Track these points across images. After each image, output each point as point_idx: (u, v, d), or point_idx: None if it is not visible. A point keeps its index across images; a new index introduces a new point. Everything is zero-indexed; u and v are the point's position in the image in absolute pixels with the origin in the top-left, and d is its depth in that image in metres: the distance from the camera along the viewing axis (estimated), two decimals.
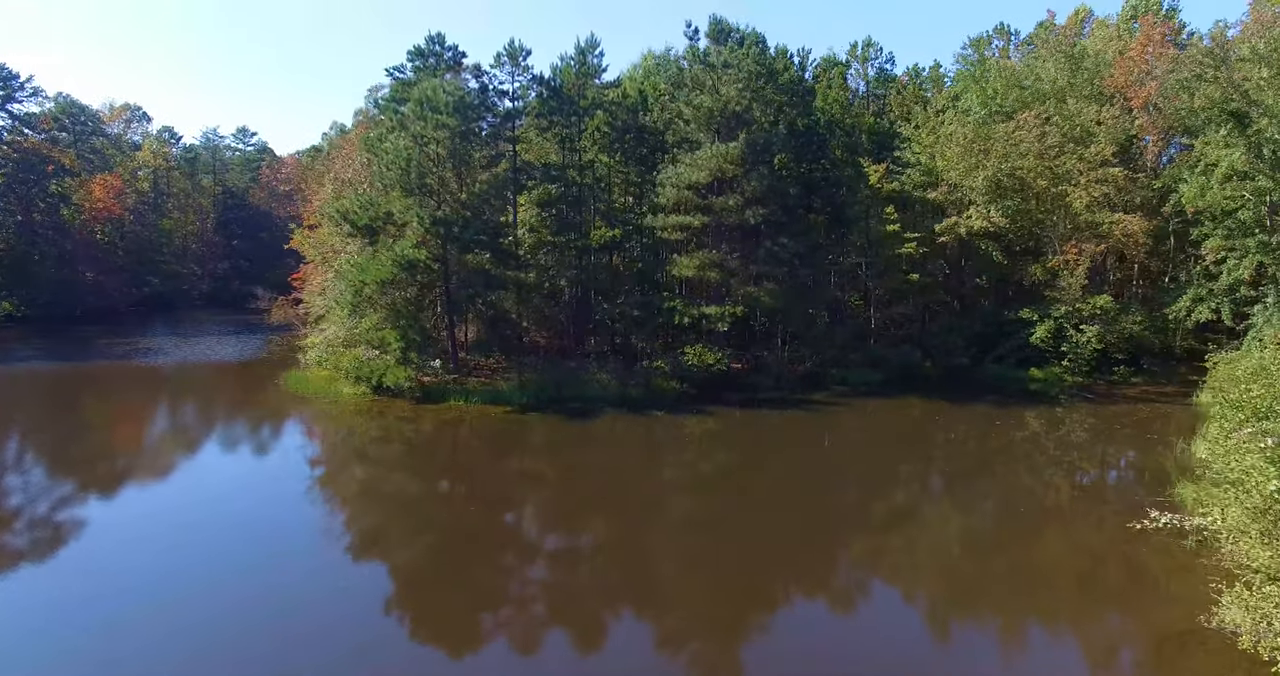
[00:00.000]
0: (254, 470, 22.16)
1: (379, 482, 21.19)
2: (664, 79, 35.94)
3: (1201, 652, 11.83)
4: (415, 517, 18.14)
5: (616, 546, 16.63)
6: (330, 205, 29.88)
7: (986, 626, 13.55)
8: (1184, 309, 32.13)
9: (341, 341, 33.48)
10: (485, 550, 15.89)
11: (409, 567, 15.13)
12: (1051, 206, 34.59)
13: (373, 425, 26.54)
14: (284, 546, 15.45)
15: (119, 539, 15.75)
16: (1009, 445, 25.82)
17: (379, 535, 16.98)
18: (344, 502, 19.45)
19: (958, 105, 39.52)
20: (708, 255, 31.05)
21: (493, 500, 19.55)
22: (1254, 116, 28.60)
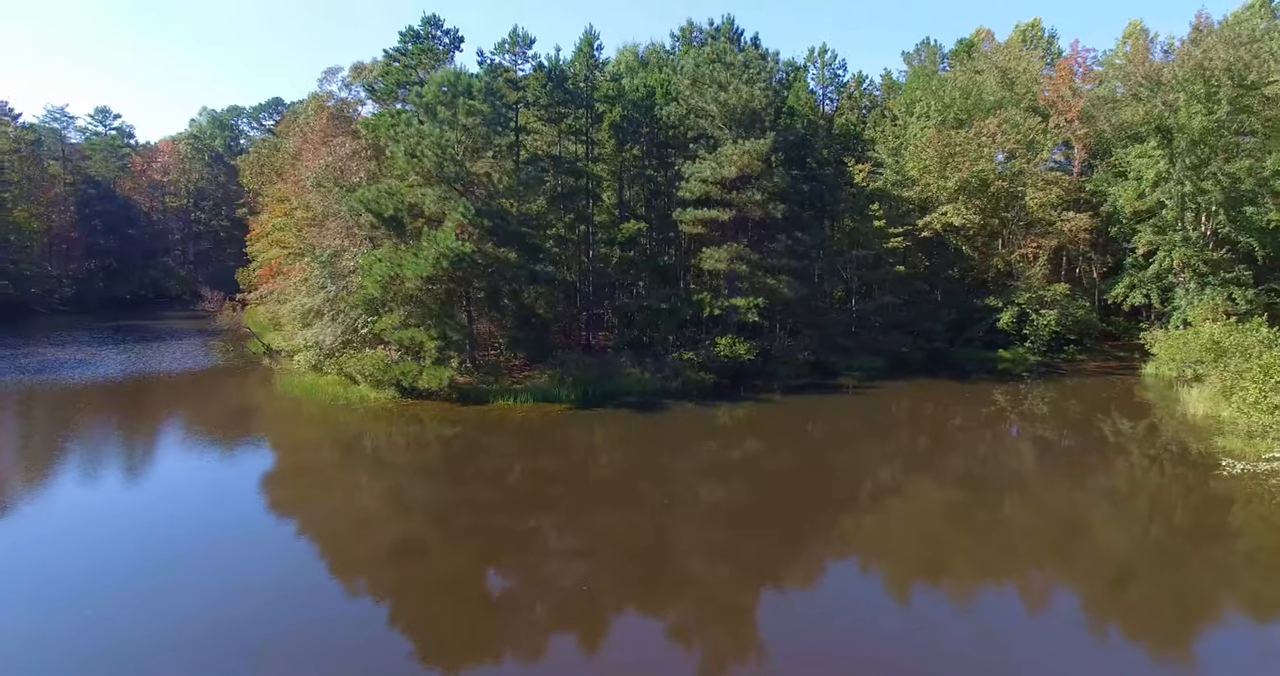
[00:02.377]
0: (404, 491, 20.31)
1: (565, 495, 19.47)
2: (665, 74, 36.75)
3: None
4: (640, 520, 17.48)
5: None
6: (352, 197, 27.93)
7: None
8: (1121, 294, 37.96)
9: (341, 343, 31.46)
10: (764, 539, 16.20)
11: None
12: (1009, 205, 39.42)
13: (450, 431, 25.17)
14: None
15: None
16: (1036, 415, 29.33)
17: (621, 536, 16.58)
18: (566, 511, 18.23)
19: (915, 111, 43.73)
20: (736, 248, 32.42)
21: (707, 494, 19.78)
22: (1175, 132, 34.54)
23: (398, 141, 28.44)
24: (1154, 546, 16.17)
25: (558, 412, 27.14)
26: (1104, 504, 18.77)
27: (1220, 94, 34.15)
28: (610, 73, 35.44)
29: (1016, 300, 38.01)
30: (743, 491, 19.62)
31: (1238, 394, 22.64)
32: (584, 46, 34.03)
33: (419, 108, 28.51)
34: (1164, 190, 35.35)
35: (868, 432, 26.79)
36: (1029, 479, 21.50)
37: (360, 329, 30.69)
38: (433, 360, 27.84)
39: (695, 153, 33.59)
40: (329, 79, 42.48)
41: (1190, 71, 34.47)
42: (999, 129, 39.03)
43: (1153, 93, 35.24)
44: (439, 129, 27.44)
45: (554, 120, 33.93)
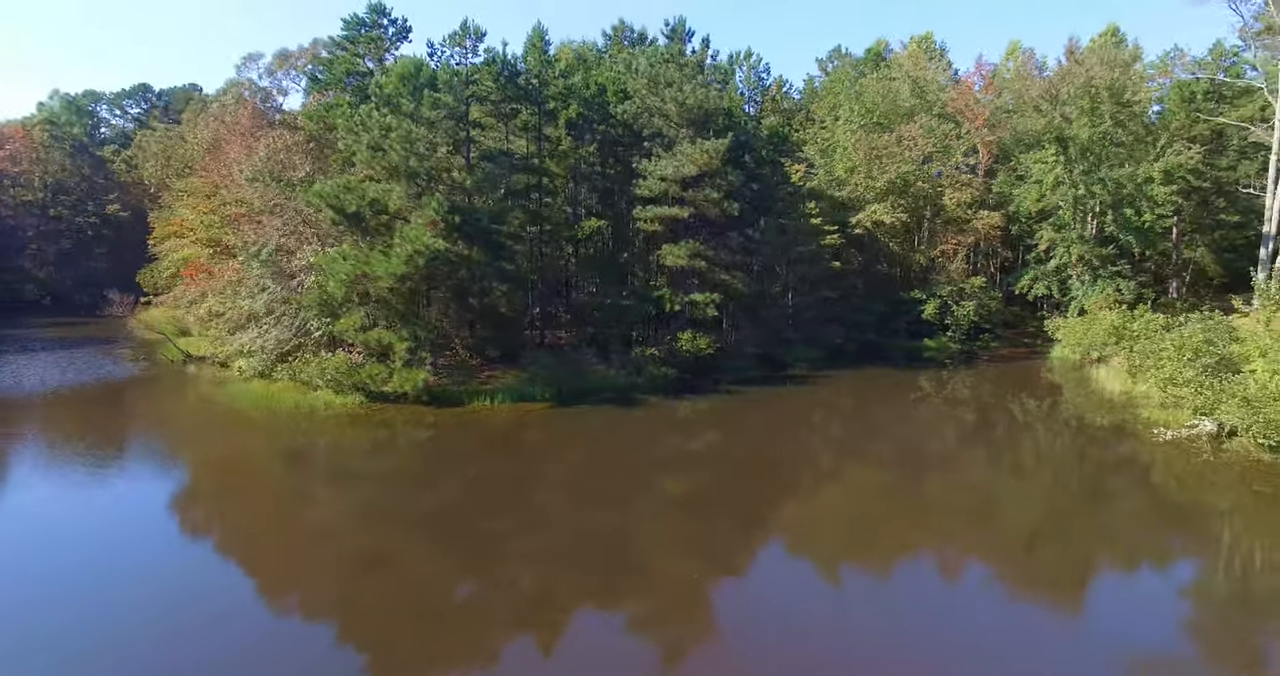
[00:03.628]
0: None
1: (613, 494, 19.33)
2: (615, 72, 37.47)
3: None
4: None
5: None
6: (310, 192, 26.77)
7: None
8: (1026, 286, 42.56)
9: (292, 346, 30.10)
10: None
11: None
12: (929, 205, 43.18)
13: (436, 435, 24.67)
14: None
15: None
16: (970, 396, 32.57)
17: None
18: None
19: (839, 115, 46.87)
20: (693, 245, 33.69)
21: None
22: (1069, 141, 39.27)
23: (356, 134, 27.59)
24: (1097, 506, 18.71)
25: (540, 411, 27.34)
26: (1049, 472, 21.54)
27: (1103, 109, 39.13)
28: (559, 69, 35.65)
29: (938, 293, 41.78)
30: (751, 482, 20.87)
31: (1151, 371, 26.38)
32: (535, 41, 34.17)
33: (380, 99, 27.73)
34: (1060, 193, 40.04)
35: (826, 419, 29.10)
36: (980, 455, 23.99)
37: (314, 331, 29.42)
38: (403, 362, 27.21)
39: (650, 151, 34.57)
40: (248, 66, 39.97)
41: (1080, 89, 39.24)
42: (919, 134, 42.66)
43: (1052, 106, 39.81)
44: (403, 122, 26.88)
45: (507, 116, 33.85)
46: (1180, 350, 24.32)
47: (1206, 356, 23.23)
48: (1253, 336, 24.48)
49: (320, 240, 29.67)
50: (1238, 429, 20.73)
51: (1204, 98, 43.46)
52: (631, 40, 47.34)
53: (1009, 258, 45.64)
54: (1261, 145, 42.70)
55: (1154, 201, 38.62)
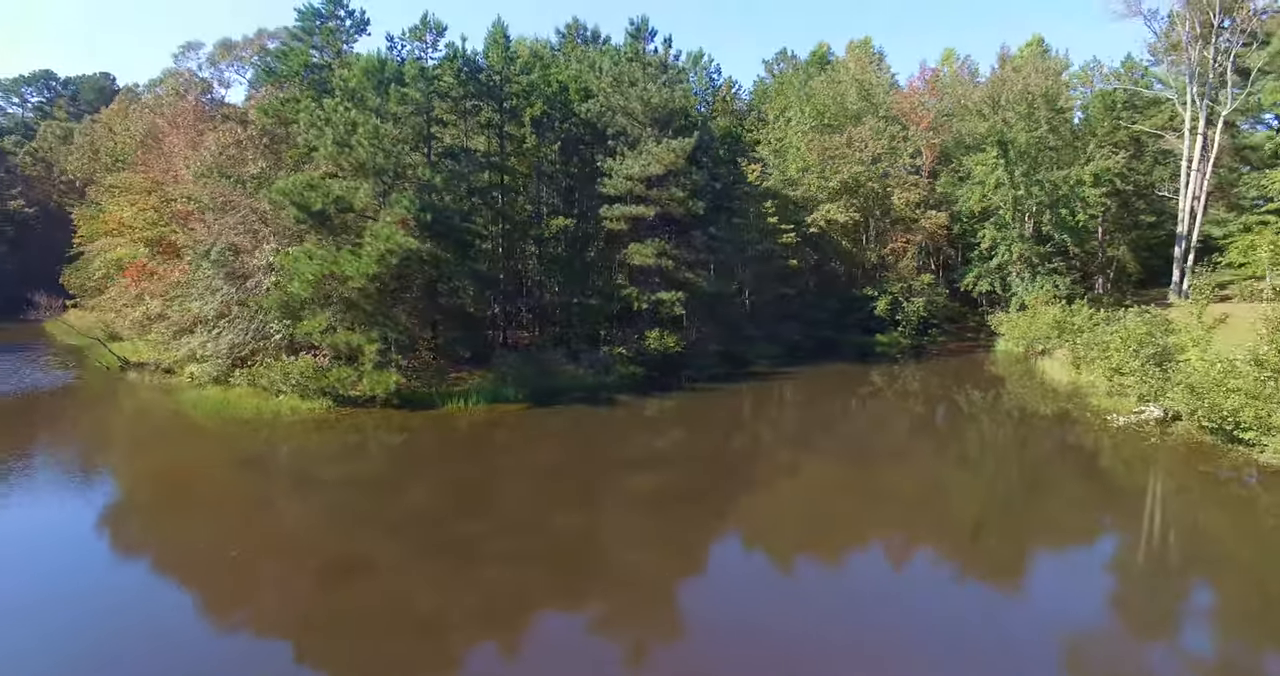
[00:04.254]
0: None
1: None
2: (576, 70, 37.50)
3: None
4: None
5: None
6: (273, 189, 25.83)
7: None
8: (971, 283, 44.81)
9: (250, 350, 29.01)
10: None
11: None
12: (879, 204, 44.93)
13: (419, 439, 24.04)
14: None
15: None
16: (927, 390, 34.11)
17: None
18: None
19: (790, 116, 48.18)
20: (660, 244, 34.11)
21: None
22: (1009, 145, 41.61)
23: (319, 129, 26.79)
24: (1055, 489, 20.12)
25: (516, 412, 27.21)
26: (1010, 458, 22.96)
27: (1039, 115, 41.64)
28: (519, 66, 35.40)
29: (889, 290, 43.55)
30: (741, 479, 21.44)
31: (1097, 361, 28.35)
32: (496, 37, 33.86)
33: (344, 94, 26.98)
34: (1001, 194, 42.37)
35: (790, 415, 29.99)
36: (942, 445, 25.20)
37: (274, 334, 28.39)
38: (373, 364, 26.60)
39: (614, 149, 34.78)
40: (186, 56, 37.99)
41: (1018, 95, 41.64)
42: (869, 136, 44.33)
43: (993, 111, 42.07)
44: (370, 117, 26.28)
45: (468, 113, 33.45)
46: (1126, 342, 26.27)
47: (1149, 347, 25.16)
48: (1186, 328, 26.66)
49: (279, 239, 28.63)
50: (1181, 414, 22.58)
51: (1123, 107, 46.76)
52: (585, 38, 47.40)
53: (951, 255, 47.97)
54: (1173, 152, 46.31)
55: (1086, 202, 41.38)
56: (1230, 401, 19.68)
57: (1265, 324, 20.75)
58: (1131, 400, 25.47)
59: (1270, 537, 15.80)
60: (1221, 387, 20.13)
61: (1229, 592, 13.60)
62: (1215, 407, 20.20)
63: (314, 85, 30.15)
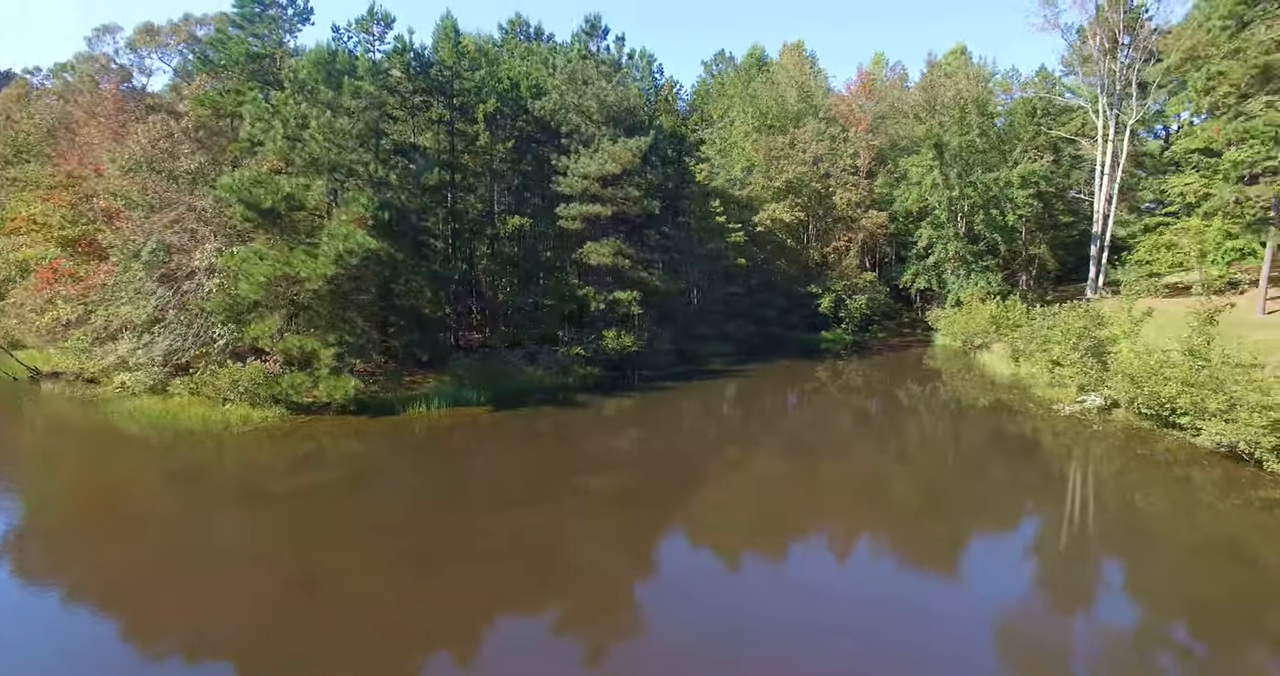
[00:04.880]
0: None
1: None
2: (526, 66, 37.10)
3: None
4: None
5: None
6: (220, 185, 24.48)
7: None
8: (909, 280, 46.84)
9: (188, 357, 27.46)
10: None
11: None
12: (821, 203, 46.40)
13: (390, 446, 23.28)
14: None
15: None
16: (877, 383, 35.51)
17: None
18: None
19: (733, 117, 49.14)
20: (616, 243, 34.20)
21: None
22: (944, 148, 43.77)
23: (268, 122, 25.58)
24: (1005, 474, 21.54)
25: (482, 415, 26.77)
26: (961, 447, 24.32)
27: (970, 119, 43.95)
28: (469, 61, 34.74)
29: (833, 288, 45.05)
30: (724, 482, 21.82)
31: (1037, 354, 30.23)
32: (446, 32, 33.18)
33: (294, 86, 25.84)
34: (937, 195, 44.51)
35: (746, 412, 30.46)
36: (897, 437, 26.44)
37: (219, 339, 26.93)
38: (329, 369, 25.61)
39: (568, 148, 34.64)
40: (101, 40, 35.31)
41: (951, 100, 43.84)
42: (811, 137, 45.70)
43: (930, 114, 44.12)
44: (324, 111, 25.29)
45: (418, 109, 32.64)
46: (1066, 335, 28.12)
47: (1086, 341, 27.02)
48: (1115, 322, 28.76)
49: (221, 238, 27.18)
50: (1120, 402, 24.40)
51: (1042, 113, 49.91)
52: (527, 35, 46.93)
53: (888, 253, 50.07)
54: (1085, 156, 49.78)
55: (1015, 203, 43.98)
56: (1167, 389, 21.41)
57: (1195, 317, 22.66)
58: (1072, 390, 27.31)
59: (1202, 514, 17.35)
60: (1159, 376, 21.87)
61: (1160, 566, 14.79)
62: (1154, 395, 21.93)
63: (255, 76, 28.74)
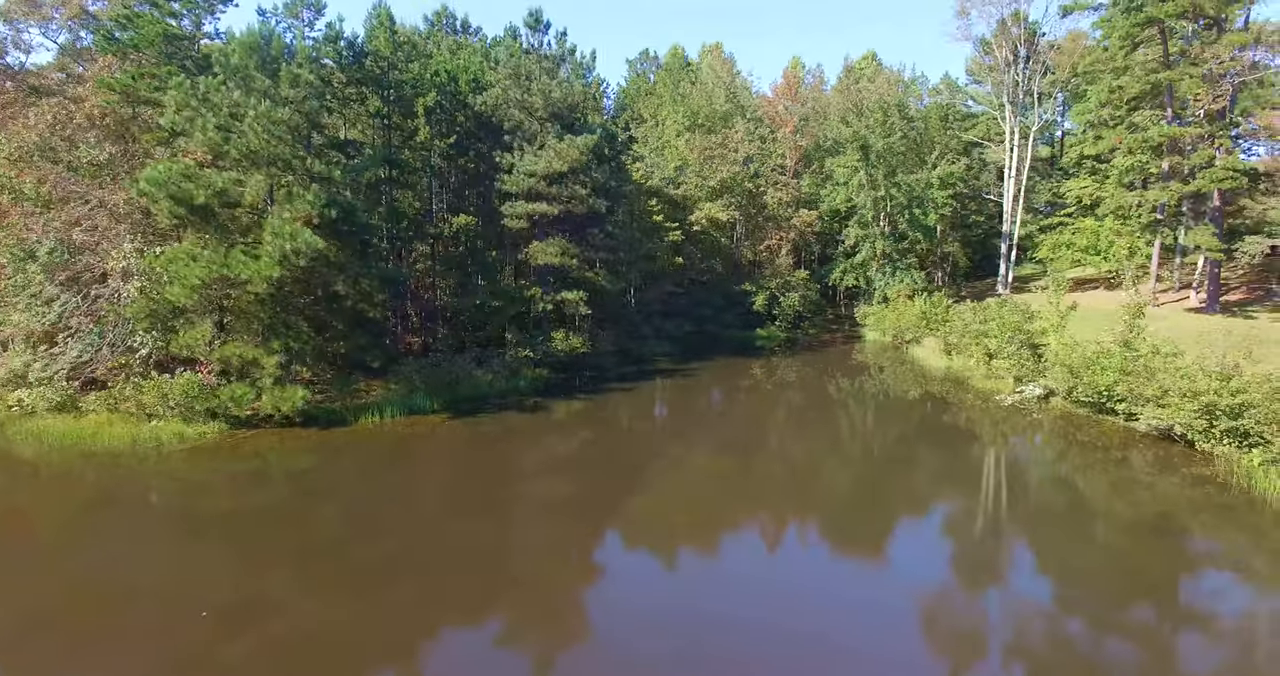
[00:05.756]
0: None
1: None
2: (463, 60, 35.95)
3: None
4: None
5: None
6: (142, 179, 22.27)
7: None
8: (838, 278, 48.73)
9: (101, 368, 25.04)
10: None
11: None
12: (753, 202, 47.53)
13: (341, 459, 21.93)
14: None
15: None
16: (819, 379, 36.73)
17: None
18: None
19: (664, 116, 49.53)
20: (562, 242, 33.77)
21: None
22: (870, 150, 45.84)
23: (194, 110, 23.56)
24: (952, 462, 23.01)
25: (439, 423, 25.77)
26: (918, 434, 25.69)
27: (893, 122, 46.22)
28: (405, 53, 33.29)
29: (767, 286, 46.26)
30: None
31: (972, 348, 32.17)
32: (381, 20, 31.72)
33: (225, 71, 23.90)
34: (863, 195, 46.53)
35: (695, 410, 30.97)
36: (846, 430, 27.68)
37: (140, 349, 24.61)
38: (273, 379, 23.92)
39: (511, 145, 33.87)
40: None
41: (875, 104, 45.93)
42: (742, 137, 46.72)
43: (857, 117, 46.02)
44: (262, 101, 23.56)
45: (351, 101, 31.06)
46: (1002, 329, 30.09)
47: (1021, 334, 29.03)
48: (1043, 316, 31.03)
49: (139, 237, 24.86)
50: (1057, 391, 26.37)
51: (954, 118, 53.17)
52: (453, 28, 45.53)
53: (817, 251, 51.95)
54: (991, 160, 53.51)
55: (936, 203, 46.62)
56: (1106, 378, 23.33)
57: (1126, 311, 24.80)
58: (1008, 382, 29.27)
59: (1140, 492, 19.09)
60: (1097, 366, 23.80)
61: (1100, 541, 16.30)
62: (1093, 384, 23.84)
63: (170, 60, 26.41)
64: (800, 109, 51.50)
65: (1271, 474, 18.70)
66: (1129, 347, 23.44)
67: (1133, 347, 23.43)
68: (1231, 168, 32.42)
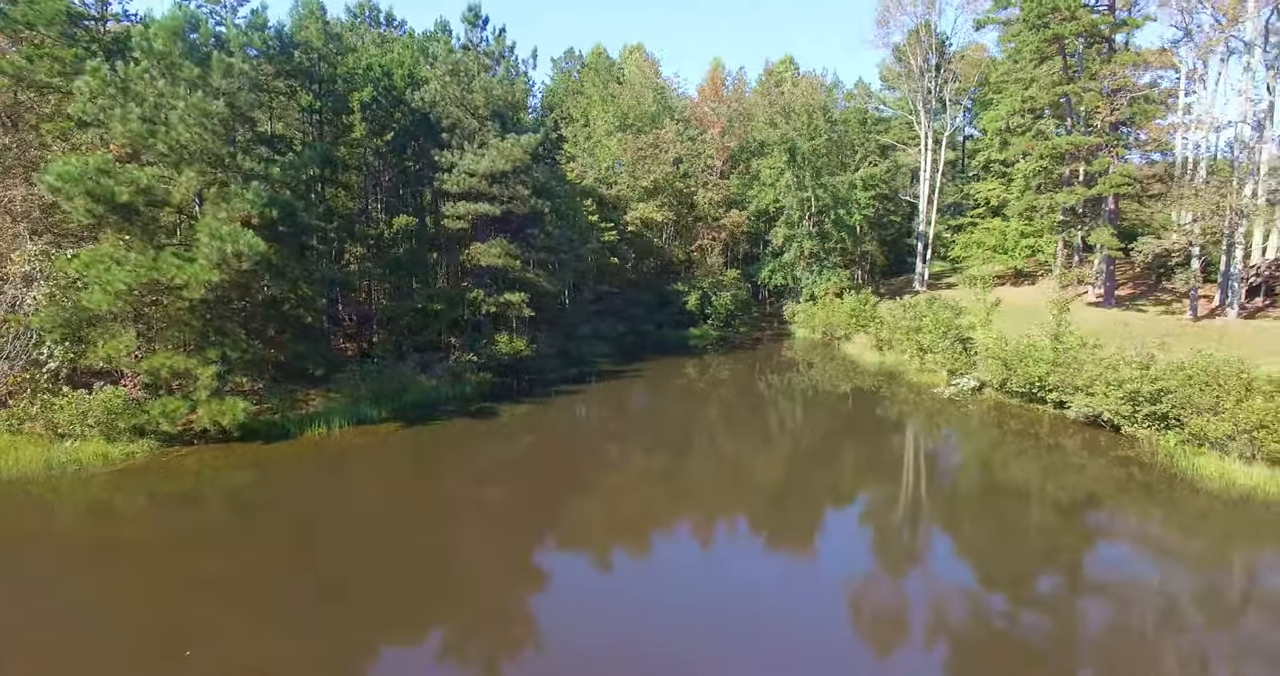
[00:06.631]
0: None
1: None
2: (396, 54, 34.61)
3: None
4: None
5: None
6: (51, 175, 20.20)
7: None
8: (767, 277, 50.04)
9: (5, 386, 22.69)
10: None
11: None
12: (684, 203, 48.16)
13: (283, 475, 20.68)
14: None
15: None
16: (755, 376, 37.64)
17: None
18: None
19: (594, 116, 49.41)
20: (504, 243, 33.15)
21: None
22: (796, 152, 47.35)
23: (112, 98, 21.64)
24: (896, 452, 24.36)
25: (391, 433, 24.76)
26: (869, 426, 26.91)
27: (818, 125, 47.90)
28: (335, 47, 31.73)
29: (699, 285, 46.99)
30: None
31: (906, 343, 33.82)
32: (311, 9, 30.15)
33: (148, 57, 22.03)
34: (790, 196, 47.99)
35: (641, 411, 31.48)
36: (790, 424, 28.73)
37: (49, 362, 22.39)
38: (210, 391, 22.30)
39: (449, 143, 32.94)
40: None
41: (801, 107, 47.47)
42: (673, 138, 47.23)
43: (786, 119, 47.37)
44: (191, 90, 21.92)
45: (280, 94, 29.39)
46: (935, 325, 31.79)
47: (954, 330, 30.80)
48: (970, 312, 33.04)
49: (43, 239, 22.62)
50: (990, 383, 28.16)
51: (872, 122, 55.67)
52: (376, 21, 43.75)
53: (746, 251, 53.19)
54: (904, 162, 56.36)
55: (859, 204, 48.65)
56: (1038, 369, 25.11)
57: (1054, 306, 26.74)
58: (942, 375, 30.97)
59: (1066, 474, 20.77)
60: (1030, 359, 25.58)
61: (1033, 519, 17.81)
62: (1027, 375, 25.60)
63: (74, 41, 24.14)
64: (725, 110, 52.58)
65: (1188, 452, 20.75)
66: (1058, 341, 25.30)
67: (1061, 341, 25.31)
68: (1126, 174, 35.55)
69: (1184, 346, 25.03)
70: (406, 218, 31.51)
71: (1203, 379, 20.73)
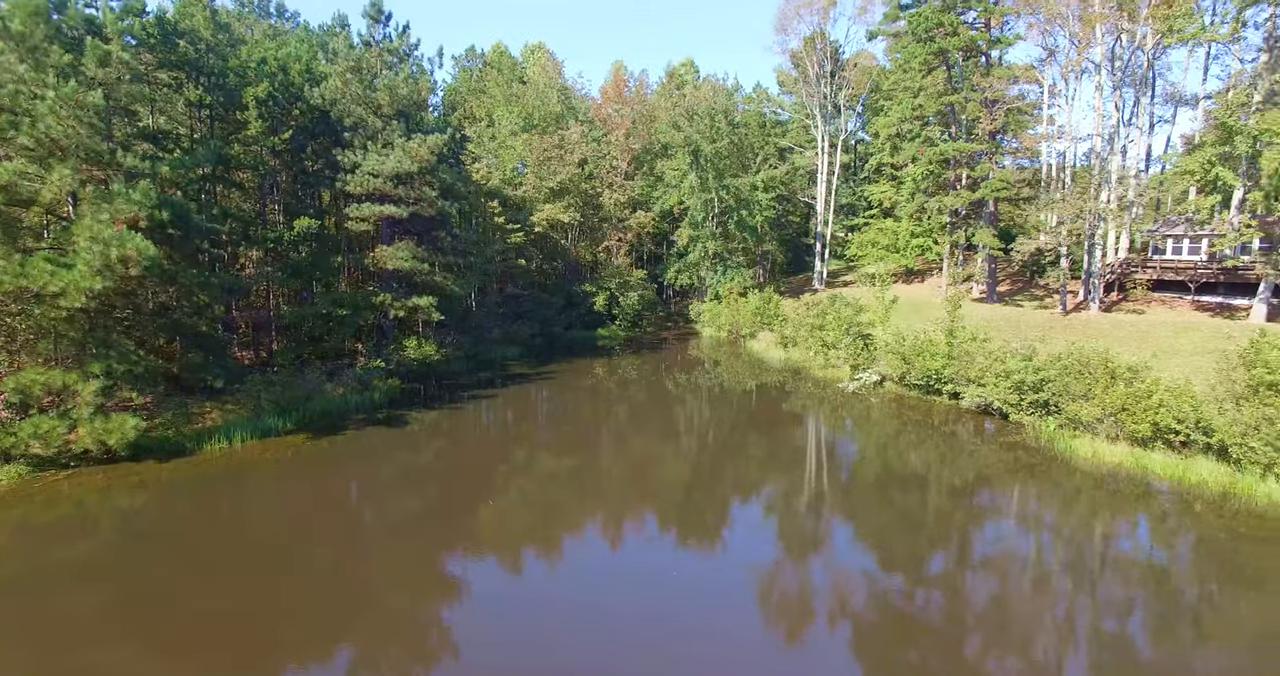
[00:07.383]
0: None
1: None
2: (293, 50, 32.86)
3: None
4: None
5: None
6: None
7: None
8: (672, 277, 50.86)
9: None
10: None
11: None
12: (591, 204, 48.27)
13: (177, 496, 19.31)
14: None
15: None
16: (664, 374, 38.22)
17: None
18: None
19: (496, 117, 48.71)
20: (412, 247, 32.26)
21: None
22: (700, 154, 48.40)
23: None
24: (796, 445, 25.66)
25: (298, 445, 23.66)
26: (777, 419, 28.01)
27: (720, 128, 49.12)
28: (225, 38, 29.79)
29: (607, 286, 47.25)
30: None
31: (810, 341, 35.29)
32: None
33: (4, 39, 20.01)
34: (694, 197, 49.00)
35: (550, 414, 31.30)
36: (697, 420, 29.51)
37: None
38: (93, 408, 20.54)
39: (351, 142, 31.71)
40: None
41: (704, 111, 48.53)
42: (578, 139, 47.23)
43: (688, 122, 48.25)
44: (63, 80, 20.11)
45: (167, 86, 27.41)
46: (838, 323, 33.34)
47: (855, 327, 32.42)
48: (869, 309, 34.86)
49: None
50: (890, 377, 29.85)
51: (770, 125, 57.56)
52: (266, 11, 41.35)
53: (652, 251, 53.83)
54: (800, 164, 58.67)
55: (761, 205, 50.21)
56: (935, 363, 26.85)
57: (948, 302, 28.62)
58: (845, 370, 32.55)
59: (964, 459, 22.52)
60: (927, 353, 27.32)
61: (923, 505, 19.25)
62: (924, 369, 27.32)
63: None
64: (629, 112, 53.03)
65: (1065, 435, 22.83)
66: (952, 336, 27.15)
67: (955, 335, 27.17)
68: (1004, 179, 38.48)
69: (1058, 338, 27.45)
70: (307, 220, 30.03)
71: (1076, 368, 22.79)
